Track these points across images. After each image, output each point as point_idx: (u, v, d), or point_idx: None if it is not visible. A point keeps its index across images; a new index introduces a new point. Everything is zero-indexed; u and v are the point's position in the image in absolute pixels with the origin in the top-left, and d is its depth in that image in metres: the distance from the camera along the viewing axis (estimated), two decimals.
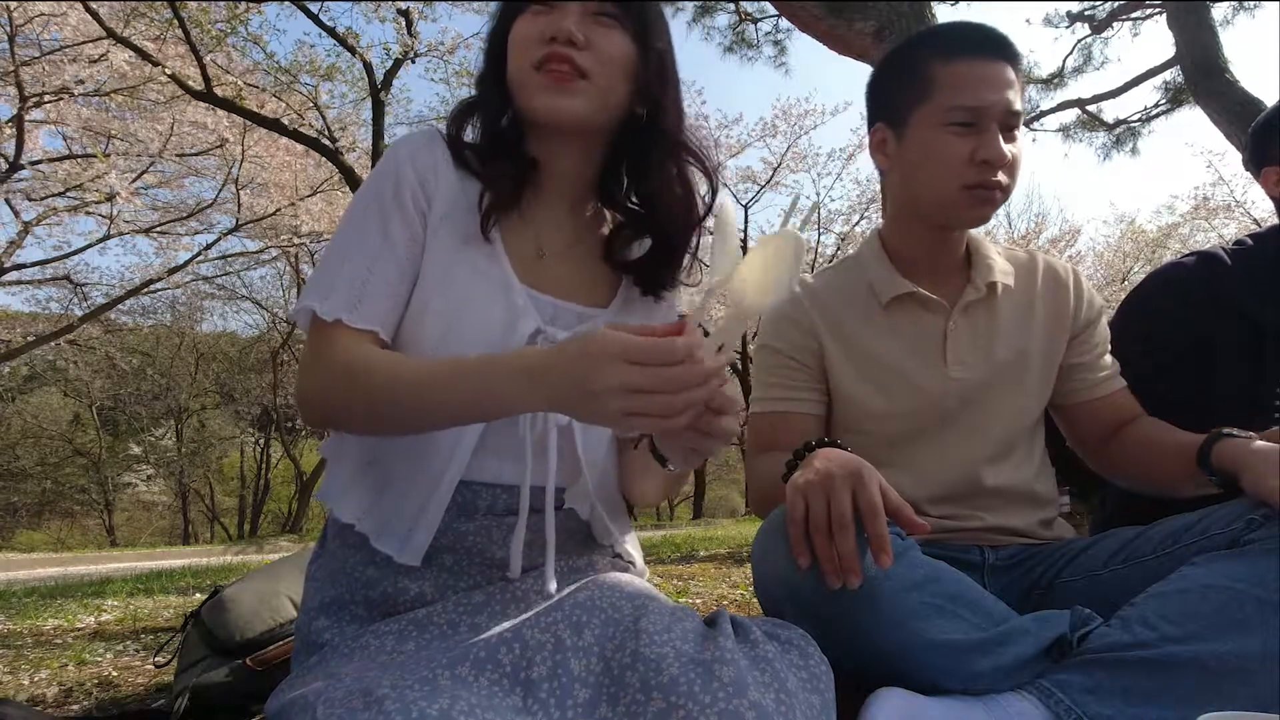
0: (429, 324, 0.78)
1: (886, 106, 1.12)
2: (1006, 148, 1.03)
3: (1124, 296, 1.43)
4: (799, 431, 1.11)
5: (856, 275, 1.17)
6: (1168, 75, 6.81)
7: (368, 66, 7.69)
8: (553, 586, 0.75)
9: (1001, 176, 1.03)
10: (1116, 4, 7.24)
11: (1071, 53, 7.85)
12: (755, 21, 6.89)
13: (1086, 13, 7.52)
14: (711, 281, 0.64)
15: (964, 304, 1.11)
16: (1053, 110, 8.02)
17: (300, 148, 9.27)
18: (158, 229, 11.52)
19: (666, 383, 0.58)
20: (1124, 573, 0.94)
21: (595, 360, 0.58)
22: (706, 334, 0.63)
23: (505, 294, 0.80)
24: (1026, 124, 8.50)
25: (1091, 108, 7.85)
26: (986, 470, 1.09)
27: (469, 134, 0.87)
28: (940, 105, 1.04)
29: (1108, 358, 1.16)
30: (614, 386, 0.58)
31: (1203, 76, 4.61)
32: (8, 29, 7.88)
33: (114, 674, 1.72)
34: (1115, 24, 7.46)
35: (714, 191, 0.91)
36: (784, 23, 6.34)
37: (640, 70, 0.83)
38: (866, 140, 1.17)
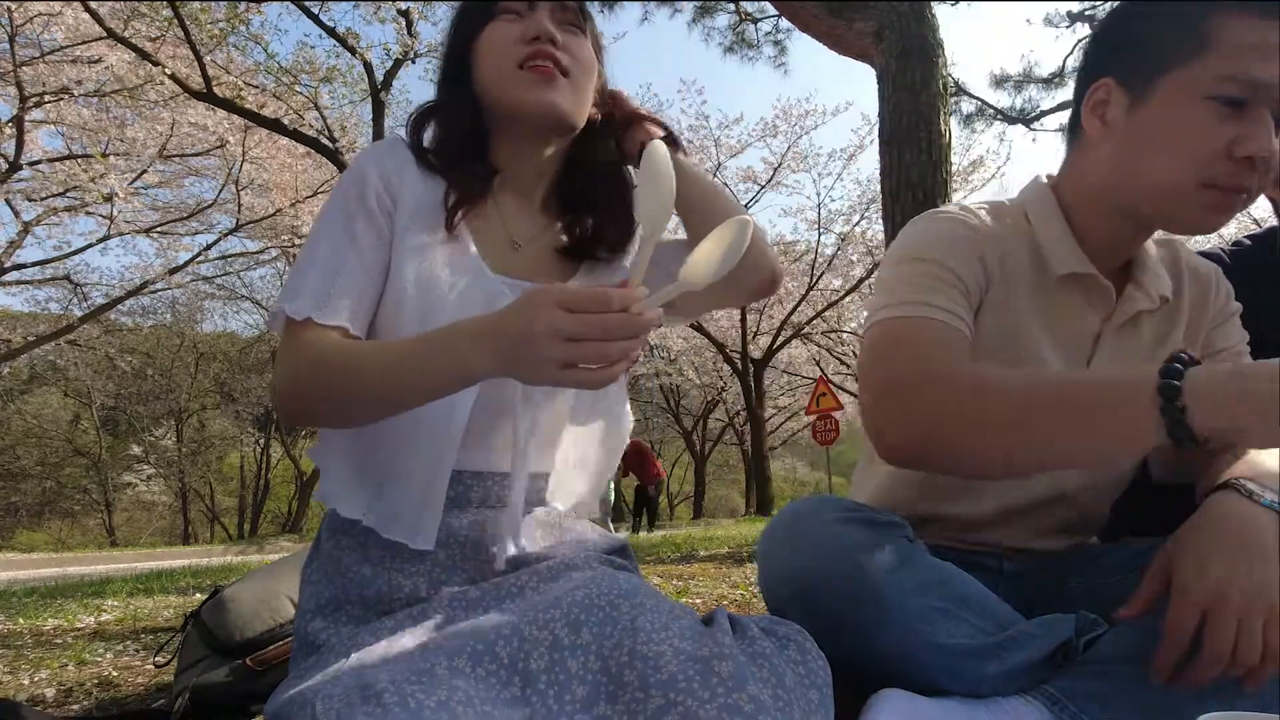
0: (405, 316, 0.79)
1: (1126, 57, 0.87)
2: (1275, 143, 0.80)
3: None
4: (954, 347, 0.88)
5: (1022, 230, 0.96)
6: None
7: (368, 67, 7.71)
8: (518, 539, 0.79)
9: (1256, 180, 0.82)
10: (1117, 4, 7.24)
11: (1072, 52, 7.87)
12: (755, 21, 6.88)
13: (1086, 13, 7.53)
14: (644, 231, 0.67)
15: (1133, 312, 0.94)
16: (1053, 110, 8.03)
17: (301, 149, 9.29)
18: (158, 229, 11.54)
19: (600, 329, 0.60)
20: (1133, 581, 0.91)
21: (532, 307, 0.61)
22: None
23: (480, 281, 0.82)
24: (1026, 123, 8.53)
25: None
26: (1065, 510, 0.99)
27: (427, 137, 0.90)
28: (1210, 69, 0.79)
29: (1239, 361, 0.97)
30: (549, 331, 0.60)
31: None
32: (8, 29, 7.88)
33: (114, 674, 1.72)
34: None
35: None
36: (784, 23, 6.34)
37: (599, 76, 0.90)
38: (868, 139, 1.08)
